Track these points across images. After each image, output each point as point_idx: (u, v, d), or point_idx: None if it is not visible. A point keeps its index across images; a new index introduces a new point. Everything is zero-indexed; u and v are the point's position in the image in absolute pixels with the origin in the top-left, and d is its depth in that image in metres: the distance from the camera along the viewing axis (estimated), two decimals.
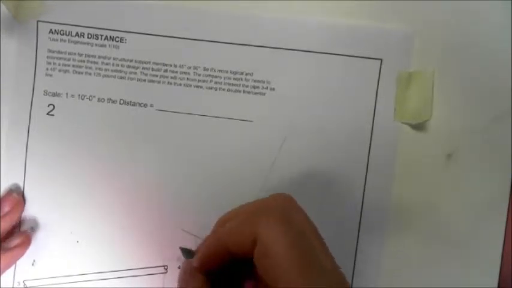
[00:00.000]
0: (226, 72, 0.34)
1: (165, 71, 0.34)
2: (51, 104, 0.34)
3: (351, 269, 0.34)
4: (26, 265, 0.35)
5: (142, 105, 0.34)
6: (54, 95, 0.34)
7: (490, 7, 0.33)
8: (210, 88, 0.34)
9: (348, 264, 0.34)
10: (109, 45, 0.34)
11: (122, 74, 0.34)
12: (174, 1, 0.34)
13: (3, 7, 0.34)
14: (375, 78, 0.33)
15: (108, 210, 0.34)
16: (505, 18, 0.33)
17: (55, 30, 0.34)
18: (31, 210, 0.35)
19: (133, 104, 0.34)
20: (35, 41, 0.34)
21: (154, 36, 0.34)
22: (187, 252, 0.30)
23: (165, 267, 0.34)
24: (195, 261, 0.27)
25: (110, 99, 0.34)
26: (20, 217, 0.35)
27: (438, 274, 0.34)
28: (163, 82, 0.34)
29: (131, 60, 0.34)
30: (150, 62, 0.34)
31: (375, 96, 0.33)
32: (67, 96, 0.34)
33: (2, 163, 0.35)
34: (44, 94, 0.34)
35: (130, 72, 0.34)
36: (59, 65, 0.34)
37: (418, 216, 0.34)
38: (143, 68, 0.34)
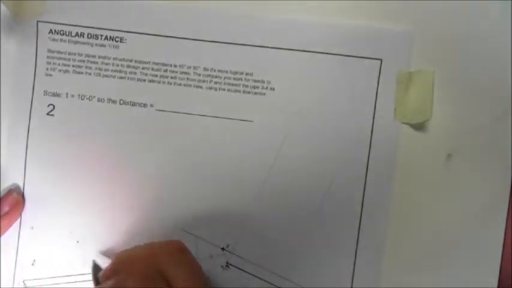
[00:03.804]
0: (226, 72, 0.34)
1: (165, 71, 0.34)
2: (51, 104, 0.34)
3: (351, 269, 0.34)
4: (26, 265, 0.35)
5: (142, 105, 0.34)
6: (54, 95, 0.34)
7: (490, 7, 0.33)
8: (210, 88, 0.34)
9: (347, 264, 0.34)
10: (109, 45, 0.34)
11: (122, 74, 0.34)
12: (174, 1, 0.34)
13: (3, 7, 0.34)
14: (375, 78, 0.33)
15: (108, 209, 0.34)
16: (505, 18, 0.33)
17: (55, 30, 0.34)
18: (31, 210, 0.35)
19: (133, 104, 0.34)
20: (35, 41, 0.34)
21: (154, 36, 0.34)
22: (95, 275, 0.32)
23: None
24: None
25: (110, 99, 0.34)
26: (20, 217, 0.35)
27: (438, 274, 0.34)
28: (163, 82, 0.34)
29: (131, 60, 0.34)
30: (150, 62, 0.34)
31: (375, 96, 0.33)
32: (67, 96, 0.34)
33: (2, 163, 0.35)
34: (44, 94, 0.34)
35: (130, 72, 0.34)
36: (59, 65, 0.34)
37: (418, 216, 0.34)
38: (143, 68, 0.34)
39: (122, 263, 0.30)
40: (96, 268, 0.33)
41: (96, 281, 0.32)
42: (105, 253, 0.34)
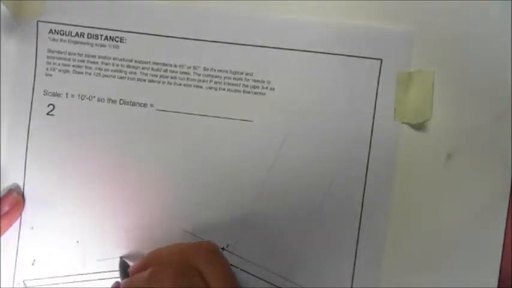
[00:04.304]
0: (226, 72, 0.34)
1: (165, 71, 0.34)
2: (51, 104, 0.34)
3: (351, 269, 0.34)
4: (26, 265, 0.35)
5: (142, 105, 0.34)
6: (54, 95, 0.34)
7: (490, 7, 0.33)
8: (210, 88, 0.34)
9: (347, 264, 0.34)
10: (109, 45, 0.34)
11: (122, 74, 0.34)
12: (174, 1, 0.34)
13: (3, 7, 0.34)
14: (375, 78, 0.33)
15: (108, 210, 0.34)
16: (505, 18, 0.33)
17: (55, 30, 0.34)
18: (31, 210, 0.35)
19: (133, 104, 0.34)
20: (35, 41, 0.34)
21: (154, 36, 0.34)
22: (123, 270, 0.33)
23: None
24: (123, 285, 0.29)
25: (110, 99, 0.34)
26: (20, 217, 0.35)
27: (438, 274, 0.34)
28: (163, 82, 0.34)
29: (131, 60, 0.34)
30: (150, 62, 0.34)
31: (375, 96, 0.33)
32: (67, 96, 0.34)
33: (2, 163, 0.35)
34: (44, 94, 0.34)
35: (130, 72, 0.34)
36: (59, 65, 0.34)
37: (418, 216, 0.34)
38: (143, 68, 0.34)
39: (153, 258, 0.30)
40: (123, 264, 0.33)
41: (124, 275, 0.32)
42: (128, 256, 0.34)
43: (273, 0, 0.33)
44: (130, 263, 0.34)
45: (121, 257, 0.34)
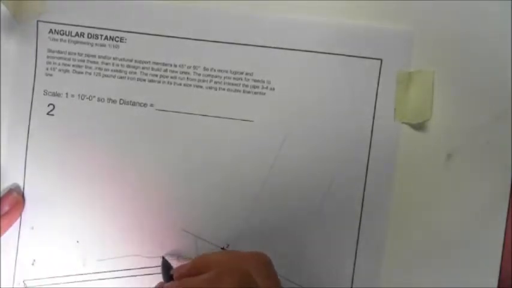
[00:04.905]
0: (226, 72, 0.34)
1: (165, 71, 0.34)
2: (51, 104, 0.34)
3: (351, 269, 0.34)
4: (26, 265, 0.35)
5: (142, 105, 0.34)
6: (54, 95, 0.34)
7: (490, 7, 0.33)
8: (210, 88, 0.34)
9: (348, 264, 0.34)
10: (109, 45, 0.34)
11: (122, 74, 0.34)
12: (174, 1, 0.34)
13: (3, 7, 0.34)
14: (375, 78, 0.33)
15: (108, 210, 0.34)
16: (505, 18, 0.33)
17: (55, 30, 0.34)
18: (31, 210, 0.35)
19: (133, 104, 0.34)
20: (35, 41, 0.34)
21: (154, 36, 0.34)
22: (166, 272, 0.32)
23: None
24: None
25: (110, 99, 0.34)
26: (20, 217, 0.35)
27: (438, 274, 0.34)
28: (163, 82, 0.34)
29: (131, 60, 0.34)
30: (150, 62, 0.34)
31: (375, 96, 0.33)
32: (67, 96, 0.34)
33: (2, 163, 0.35)
34: (44, 94, 0.34)
35: (130, 72, 0.34)
36: (59, 64, 0.34)
37: (418, 216, 0.34)
38: (143, 68, 0.34)
39: (207, 263, 0.29)
40: (166, 265, 0.33)
41: (168, 277, 0.31)
42: (171, 254, 0.34)
43: (273, 0, 0.33)
44: (173, 264, 0.33)
45: (163, 257, 0.33)
